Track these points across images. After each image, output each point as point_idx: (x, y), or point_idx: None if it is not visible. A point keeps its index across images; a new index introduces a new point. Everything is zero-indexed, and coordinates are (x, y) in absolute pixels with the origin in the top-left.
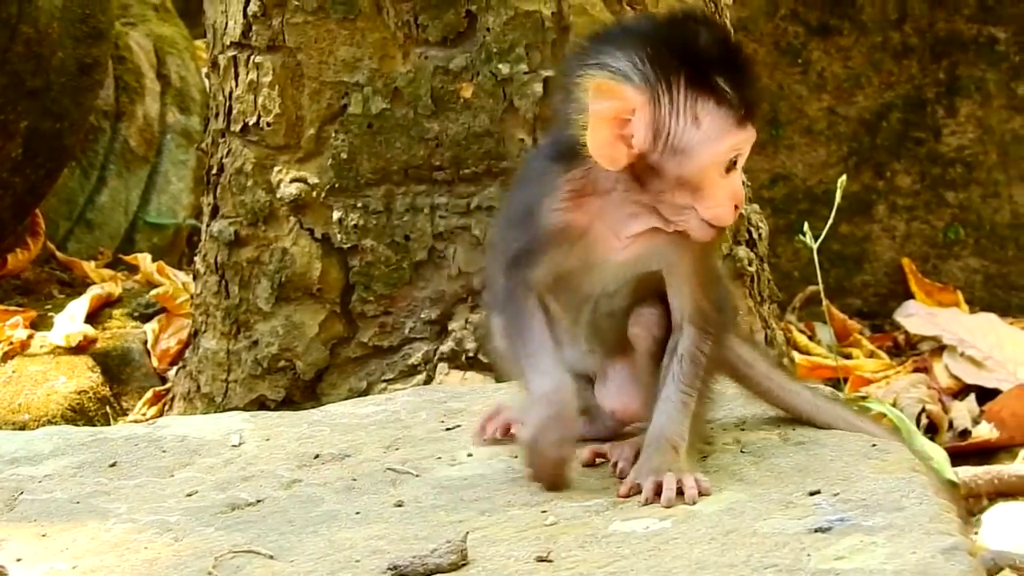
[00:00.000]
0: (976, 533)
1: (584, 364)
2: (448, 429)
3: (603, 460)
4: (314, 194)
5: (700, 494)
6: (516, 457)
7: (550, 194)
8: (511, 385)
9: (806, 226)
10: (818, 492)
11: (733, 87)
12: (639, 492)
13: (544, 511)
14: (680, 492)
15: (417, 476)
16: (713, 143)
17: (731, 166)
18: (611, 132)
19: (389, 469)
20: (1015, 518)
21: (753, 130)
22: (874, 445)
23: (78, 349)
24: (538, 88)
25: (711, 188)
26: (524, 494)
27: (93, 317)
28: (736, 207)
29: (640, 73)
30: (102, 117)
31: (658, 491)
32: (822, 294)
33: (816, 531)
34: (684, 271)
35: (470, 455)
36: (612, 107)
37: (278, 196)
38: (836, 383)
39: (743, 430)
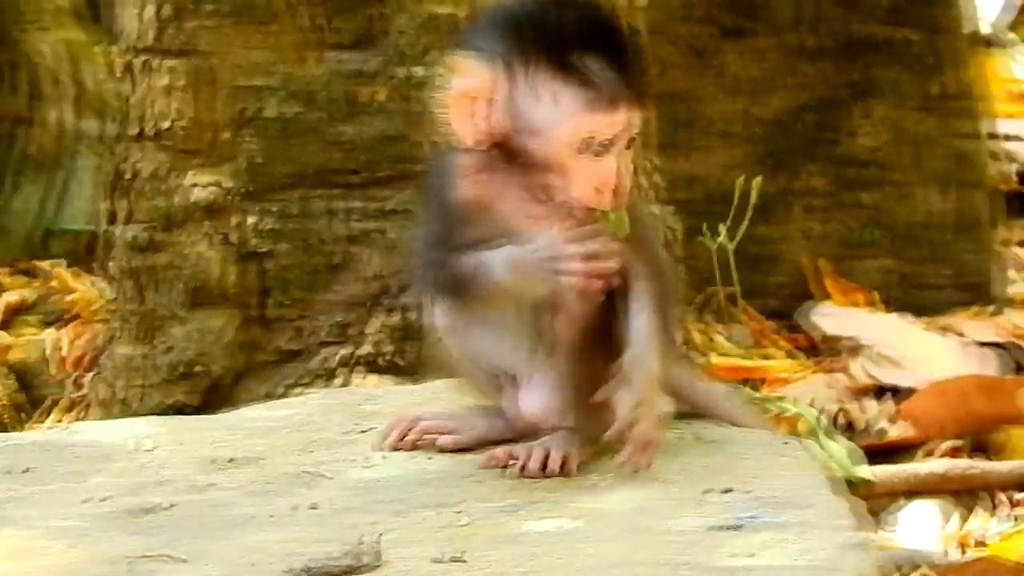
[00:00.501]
0: (892, 532)
1: (513, 361)
2: (363, 431)
3: (515, 461)
4: (228, 198)
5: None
6: (431, 459)
7: (452, 172)
8: (427, 388)
9: (721, 227)
10: (730, 490)
11: (595, 68)
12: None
13: (458, 511)
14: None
15: (331, 478)
16: (564, 123)
17: (596, 148)
18: (467, 110)
19: (303, 472)
20: (930, 516)
21: (622, 113)
22: (786, 443)
23: None
24: None
25: (572, 170)
26: (438, 495)
27: (6, 324)
28: (608, 191)
29: (498, 50)
30: (14, 122)
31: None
32: (737, 295)
33: (728, 528)
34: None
35: (384, 457)
36: (467, 84)
37: (192, 201)
38: (752, 384)
39: None
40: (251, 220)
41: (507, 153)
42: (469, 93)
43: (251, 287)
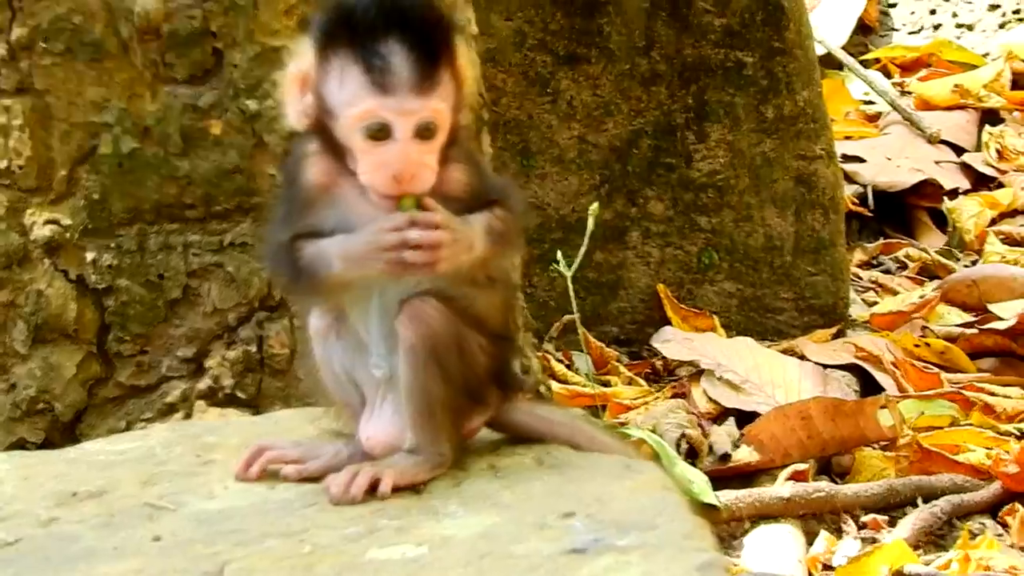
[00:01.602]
0: (739, 556)
1: (366, 379)
2: (204, 463)
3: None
4: (67, 235)
5: None
6: (274, 488)
7: (300, 157)
8: (268, 419)
9: (560, 255)
10: (573, 514)
11: (378, 53)
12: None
13: (301, 540)
14: None
15: (174, 510)
16: (348, 107)
17: (379, 134)
18: (294, 92)
19: (146, 504)
20: (776, 540)
21: (401, 98)
22: (627, 466)
23: None
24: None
25: (360, 155)
26: (281, 524)
27: None
28: (395, 178)
29: (315, 34)
30: None
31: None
32: (578, 322)
33: (571, 552)
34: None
35: (226, 488)
36: (294, 68)
37: (31, 239)
38: (595, 411)
39: (497, 454)
40: (90, 256)
41: (331, 137)
42: (293, 76)
43: (92, 323)
